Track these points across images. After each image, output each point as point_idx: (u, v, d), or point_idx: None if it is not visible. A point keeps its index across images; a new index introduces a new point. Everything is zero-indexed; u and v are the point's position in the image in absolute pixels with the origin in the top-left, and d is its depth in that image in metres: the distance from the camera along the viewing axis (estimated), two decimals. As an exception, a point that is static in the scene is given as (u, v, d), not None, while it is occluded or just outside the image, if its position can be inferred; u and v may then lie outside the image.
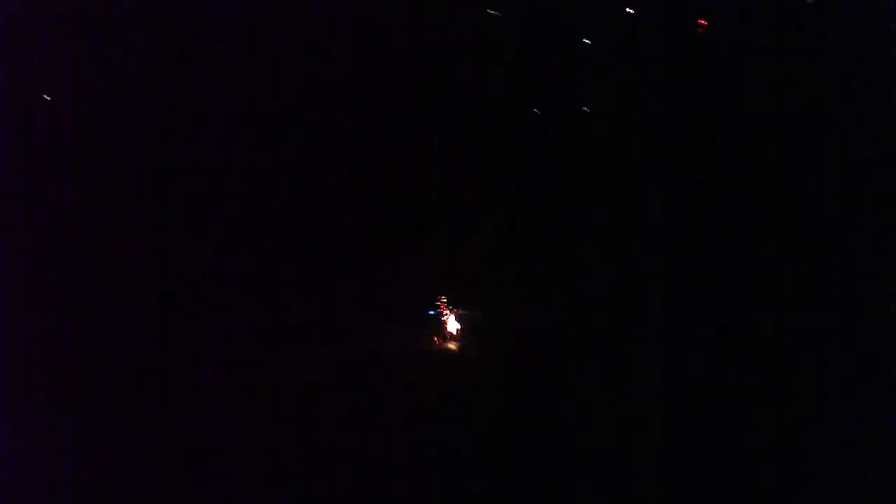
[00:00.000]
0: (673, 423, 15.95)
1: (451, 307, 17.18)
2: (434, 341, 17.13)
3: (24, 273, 16.94)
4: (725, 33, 17.28)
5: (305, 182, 17.37)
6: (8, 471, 16.05)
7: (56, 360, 16.68)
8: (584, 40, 17.37)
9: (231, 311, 16.80)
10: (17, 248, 16.95)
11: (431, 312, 17.17)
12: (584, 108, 17.06)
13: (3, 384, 16.49)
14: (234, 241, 17.14)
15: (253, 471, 15.92)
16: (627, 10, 17.06)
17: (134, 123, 17.38)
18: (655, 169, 17.18)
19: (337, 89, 17.50)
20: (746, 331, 16.61)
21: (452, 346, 17.14)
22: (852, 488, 15.57)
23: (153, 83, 17.42)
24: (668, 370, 16.32)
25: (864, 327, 16.50)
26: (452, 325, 17.14)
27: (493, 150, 17.45)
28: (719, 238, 16.99)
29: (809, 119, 17.24)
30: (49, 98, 17.24)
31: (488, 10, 17.48)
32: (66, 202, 17.19)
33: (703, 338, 16.53)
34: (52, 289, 16.94)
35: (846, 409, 16.08)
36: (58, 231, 17.13)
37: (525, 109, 17.53)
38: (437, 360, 17.07)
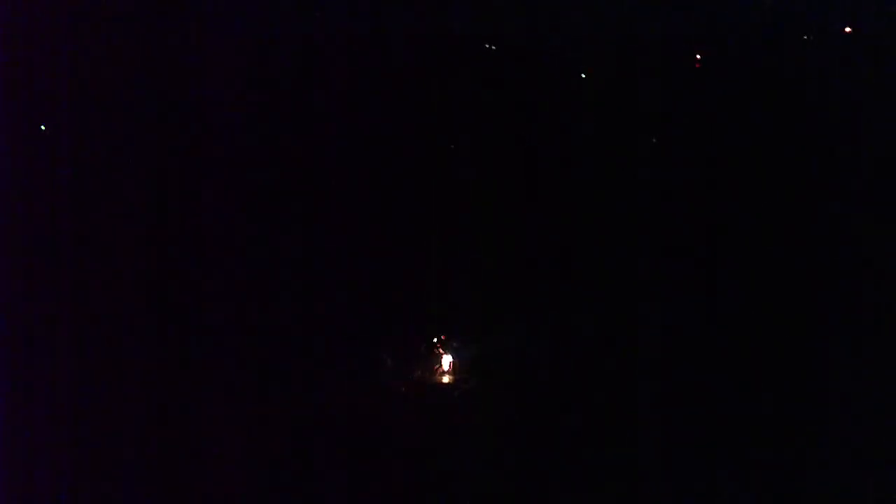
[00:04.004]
0: (679, 456, 15.93)
1: (444, 340, 17.21)
2: (427, 375, 17.20)
3: (23, 274, 16.92)
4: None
5: (296, 206, 17.49)
6: (8, 470, 16.00)
7: (55, 365, 16.68)
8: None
9: (223, 340, 16.87)
10: (16, 248, 16.94)
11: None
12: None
13: (3, 384, 16.45)
14: (227, 264, 17.23)
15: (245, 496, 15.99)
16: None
17: (133, 125, 17.43)
18: (656, 192, 17.36)
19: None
20: (756, 361, 16.67)
21: (446, 379, 17.19)
22: (853, 488, 15.59)
23: (152, 84, 17.46)
24: (673, 404, 16.35)
25: (865, 327, 16.55)
26: (446, 359, 17.18)
27: (487, 184, 17.59)
28: (725, 265, 17.14)
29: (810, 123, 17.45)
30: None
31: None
32: (66, 203, 17.19)
33: (712, 369, 16.62)
34: (51, 293, 16.94)
35: (847, 409, 16.13)
36: (57, 233, 17.13)
37: (522, 141, 17.76)
38: (429, 395, 17.11)
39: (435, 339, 17.24)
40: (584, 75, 17.84)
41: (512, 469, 16.08)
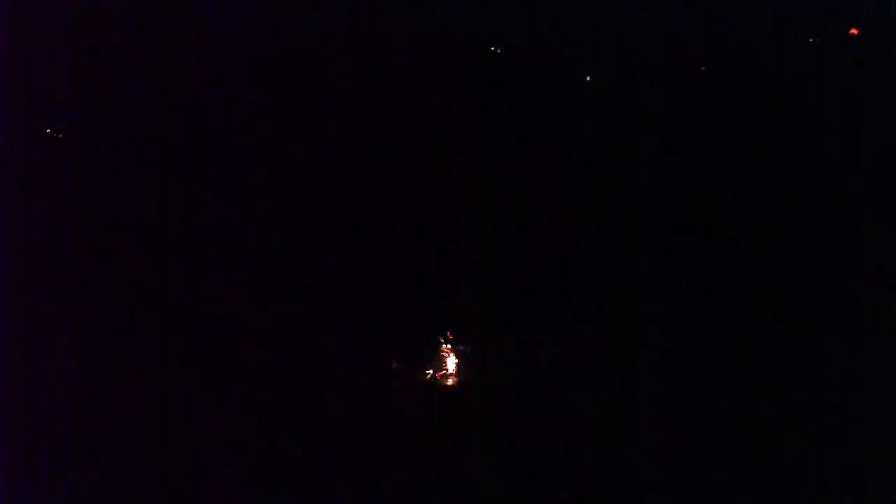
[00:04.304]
0: (678, 460, 15.99)
1: (449, 343, 17.24)
2: (432, 377, 17.22)
3: (23, 274, 16.89)
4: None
5: (303, 206, 17.46)
6: (8, 471, 16.00)
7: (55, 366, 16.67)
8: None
9: (227, 342, 16.90)
10: (16, 249, 16.91)
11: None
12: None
13: (3, 385, 16.44)
14: (233, 263, 17.24)
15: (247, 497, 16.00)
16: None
17: (133, 125, 17.41)
18: (657, 193, 17.36)
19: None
20: (755, 368, 16.71)
21: (451, 382, 17.23)
22: (853, 488, 15.65)
23: (153, 84, 17.44)
24: (673, 404, 16.40)
25: (866, 327, 16.60)
26: (451, 361, 17.21)
27: (491, 186, 17.59)
28: (725, 265, 17.15)
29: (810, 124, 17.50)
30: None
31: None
32: (66, 203, 17.17)
33: (712, 369, 16.65)
34: (51, 293, 16.93)
35: (847, 409, 16.19)
36: (57, 233, 17.11)
37: (524, 143, 17.74)
38: (432, 396, 17.19)
39: (439, 342, 17.28)
40: (588, 77, 17.86)
41: (513, 469, 16.13)
